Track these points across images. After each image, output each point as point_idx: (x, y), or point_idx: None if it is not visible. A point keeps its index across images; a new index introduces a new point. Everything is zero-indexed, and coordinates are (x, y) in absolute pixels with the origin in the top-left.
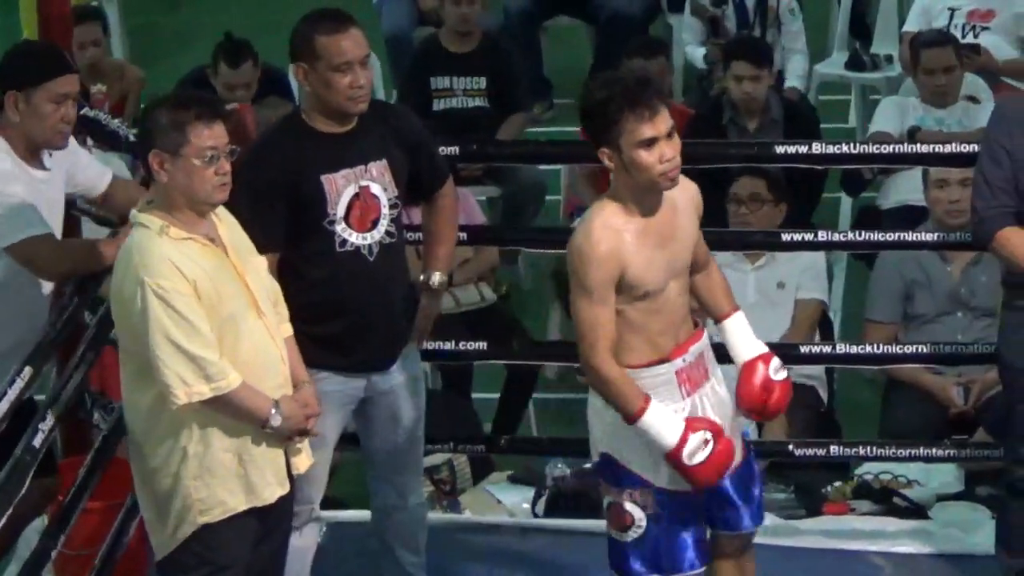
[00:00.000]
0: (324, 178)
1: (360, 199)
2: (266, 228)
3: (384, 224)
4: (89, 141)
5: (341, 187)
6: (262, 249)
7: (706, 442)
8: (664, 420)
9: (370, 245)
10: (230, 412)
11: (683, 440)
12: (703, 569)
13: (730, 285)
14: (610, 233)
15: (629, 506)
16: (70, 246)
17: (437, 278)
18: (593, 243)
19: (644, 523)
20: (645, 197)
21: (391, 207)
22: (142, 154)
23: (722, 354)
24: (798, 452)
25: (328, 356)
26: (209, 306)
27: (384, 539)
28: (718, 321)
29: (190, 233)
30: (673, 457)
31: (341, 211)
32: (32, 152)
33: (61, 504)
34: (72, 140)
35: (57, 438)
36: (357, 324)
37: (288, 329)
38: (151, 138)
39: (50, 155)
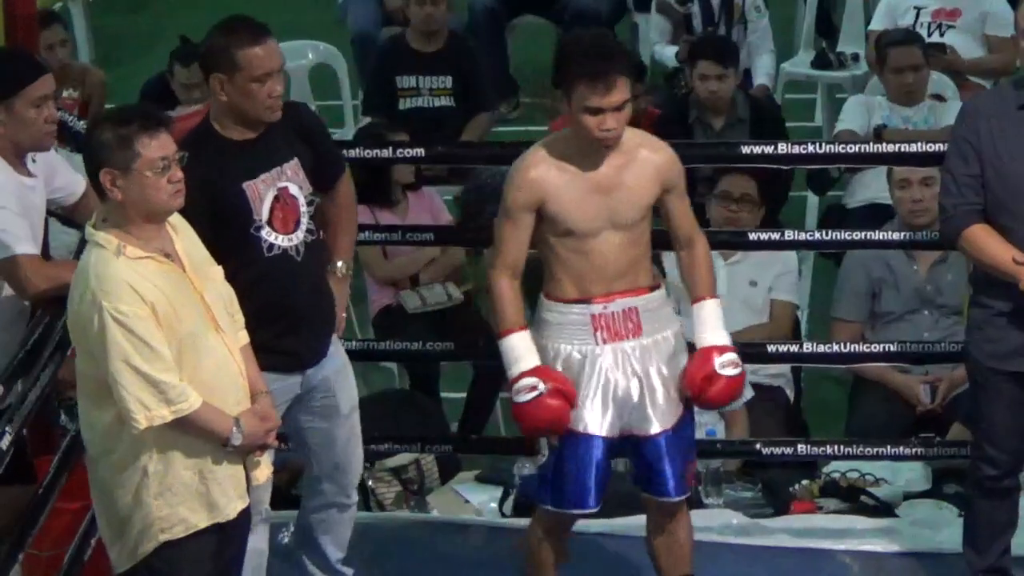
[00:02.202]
0: (246, 185)
1: (280, 201)
2: None
3: (305, 223)
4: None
5: (262, 192)
6: None
7: (533, 388)
8: (518, 351)
9: (296, 246)
10: (191, 433)
11: (518, 378)
12: (591, 510)
13: (712, 271)
14: (542, 163)
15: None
16: (52, 267)
17: (341, 266)
18: (523, 167)
19: (547, 452)
20: (587, 145)
21: (308, 204)
22: (91, 174)
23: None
24: (766, 451)
25: (265, 358)
26: (168, 327)
27: (313, 535)
28: (693, 303)
29: (147, 251)
30: (508, 387)
31: (265, 215)
32: (19, 157)
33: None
34: None
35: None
36: (293, 324)
37: (244, 337)
38: (99, 156)
39: (34, 160)
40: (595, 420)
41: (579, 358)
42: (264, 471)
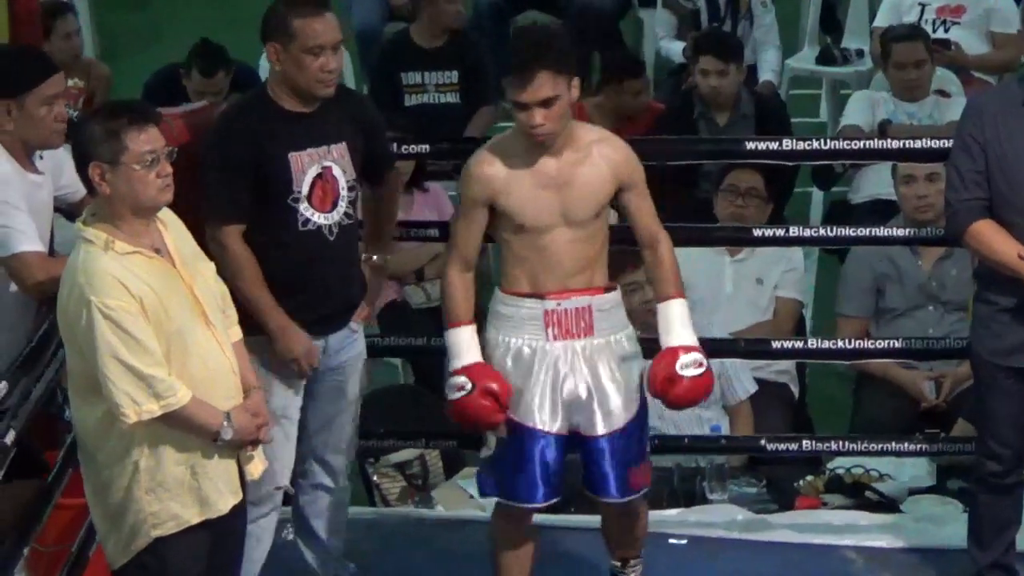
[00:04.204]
0: (291, 156)
1: (322, 179)
2: (234, 200)
3: (343, 205)
4: None
5: (306, 165)
6: (229, 220)
7: (461, 388)
8: (460, 346)
9: (330, 225)
10: (181, 427)
11: (453, 373)
12: (540, 505)
13: (677, 269)
14: (495, 159)
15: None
16: (57, 264)
17: (381, 257)
18: (475, 163)
19: (494, 445)
20: (531, 141)
21: (349, 189)
22: (80, 168)
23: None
24: (770, 447)
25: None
26: (156, 322)
27: (307, 520)
28: (658, 302)
29: (136, 246)
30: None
31: (305, 189)
32: (27, 155)
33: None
34: None
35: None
36: (315, 299)
37: (237, 332)
38: (88, 151)
39: (41, 157)
40: (543, 416)
41: (528, 352)
42: (258, 466)
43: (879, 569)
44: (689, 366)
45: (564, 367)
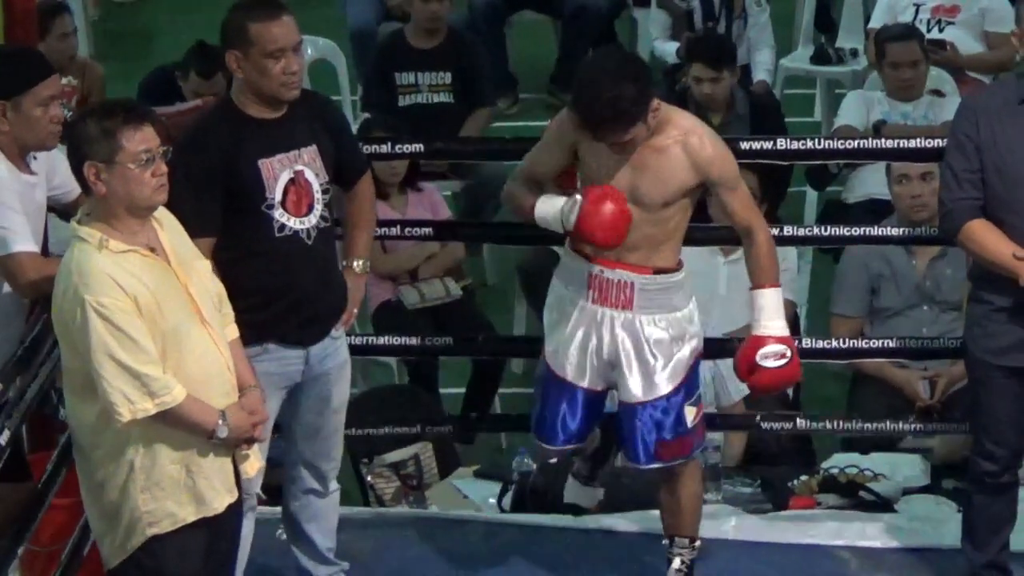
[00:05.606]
0: (261, 163)
1: (295, 184)
2: (202, 212)
3: (318, 209)
4: None
5: (277, 171)
6: (197, 233)
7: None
8: (546, 208)
9: (308, 230)
10: (176, 426)
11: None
12: (558, 448)
13: (773, 259)
14: None
15: (541, 360)
16: (51, 264)
17: (361, 264)
18: (570, 106)
19: (537, 383)
20: None
21: (323, 192)
22: (75, 167)
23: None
24: (764, 425)
25: (267, 331)
26: (151, 320)
27: (300, 525)
28: (751, 291)
29: (130, 244)
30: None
31: (278, 195)
32: (22, 156)
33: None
34: None
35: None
36: (297, 304)
37: (234, 331)
38: (83, 150)
39: (35, 158)
40: (573, 369)
41: (571, 305)
42: (254, 464)
43: (873, 569)
44: (769, 357)
45: (599, 330)
